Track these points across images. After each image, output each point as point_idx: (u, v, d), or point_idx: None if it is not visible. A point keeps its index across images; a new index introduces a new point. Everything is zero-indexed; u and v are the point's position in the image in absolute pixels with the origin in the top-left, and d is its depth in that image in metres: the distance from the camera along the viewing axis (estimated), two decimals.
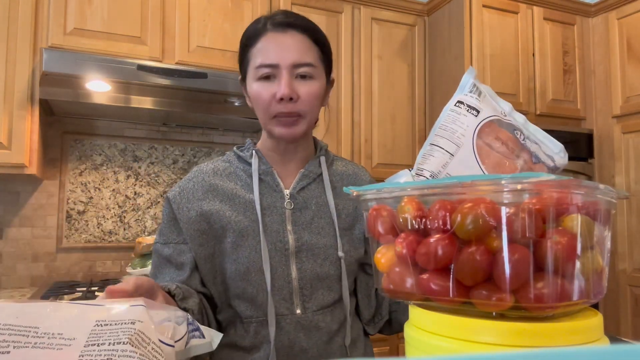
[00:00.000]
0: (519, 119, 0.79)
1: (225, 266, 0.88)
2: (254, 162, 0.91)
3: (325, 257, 0.88)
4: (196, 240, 0.88)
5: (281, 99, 0.84)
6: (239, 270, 0.86)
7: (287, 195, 0.90)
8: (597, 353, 0.19)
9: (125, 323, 0.48)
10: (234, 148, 0.97)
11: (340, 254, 0.88)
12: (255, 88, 0.86)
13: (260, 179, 0.91)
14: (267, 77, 0.85)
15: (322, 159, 0.95)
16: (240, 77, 0.95)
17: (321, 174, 0.94)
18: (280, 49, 0.86)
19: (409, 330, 0.48)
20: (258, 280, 0.85)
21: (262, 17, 0.92)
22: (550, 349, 0.19)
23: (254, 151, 0.93)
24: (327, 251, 0.89)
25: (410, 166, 0.90)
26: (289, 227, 0.88)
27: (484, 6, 2.39)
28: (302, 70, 0.86)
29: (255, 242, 0.86)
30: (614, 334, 2.46)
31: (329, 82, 0.95)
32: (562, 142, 0.79)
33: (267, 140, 0.94)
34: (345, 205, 0.93)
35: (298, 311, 0.86)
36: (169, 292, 0.77)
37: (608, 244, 0.46)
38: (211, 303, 0.91)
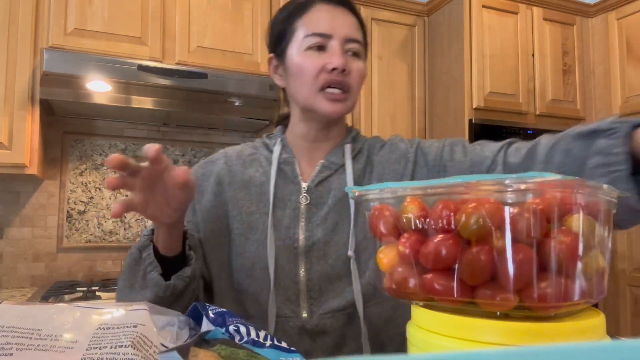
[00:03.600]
0: None
1: (232, 258, 0.84)
2: (276, 149, 0.87)
3: (336, 257, 0.81)
4: (209, 225, 0.85)
5: (333, 70, 0.80)
6: (244, 265, 0.83)
7: (304, 188, 0.84)
8: (598, 350, 0.19)
9: (127, 326, 0.49)
10: (264, 135, 0.93)
11: (350, 253, 0.80)
12: (302, 59, 0.82)
13: (279, 168, 0.86)
14: (319, 48, 0.81)
15: (348, 147, 0.87)
16: (272, 54, 0.89)
17: (343, 165, 0.86)
18: (335, 20, 0.82)
19: (412, 330, 0.48)
20: (262, 277, 0.81)
21: None
22: (549, 346, 0.19)
23: (279, 139, 0.89)
24: (339, 250, 0.81)
25: None
26: (302, 224, 0.82)
27: (483, 6, 2.40)
28: (352, 46, 0.83)
29: (263, 237, 0.82)
30: (613, 334, 2.47)
31: None
32: None
33: (298, 125, 0.89)
34: None
35: (304, 315, 0.80)
36: (184, 233, 0.75)
37: (609, 244, 0.46)
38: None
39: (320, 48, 0.81)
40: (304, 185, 0.85)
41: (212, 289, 0.88)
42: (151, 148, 0.60)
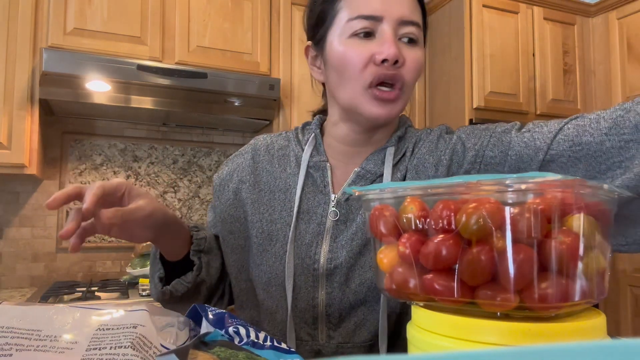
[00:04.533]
0: None
1: (250, 265, 0.77)
2: (307, 149, 0.75)
3: (361, 282, 0.69)
4: (227, 225, 0.78)
5: (383, 62, 0.65)
6: (260, 278, 0.74)
7: (333, 201, 0.72)
8: (598, 349, 0.19)
9: (127, 327, 0.49)
10: (300, 125, 0.81)
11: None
12: (346, 48, 0.67)
13: (308, 173, 0.74)
14: (367, 35, 0.67)
15: (389, 152, 0.73)
16: (311, 42, 0.75)
17: (382, 175, 0.72)
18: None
19: (412, 331, 0.48)
20: (278, 296, 0.72)
21: None
22: (549, 345, 0.19)
23: (313, 135, 0.76)
24: (364, 275, 0.69)
25: None
26: (326, 243, 0.71)
27: (484, 6, 2.39)
28: (408, 30, 0.67)
29: (282, 252, 0.72)
30: (614, 334, 2.46)
31: None
32: None
33: (337, 125, 0.75)
34: None
35: (322, 340, 0.71)
36: (191, 237, 0.72)
37: (609, 244, 0.46)
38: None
39: (368, 34, 0.67)
40: (334, 197, 0.72)
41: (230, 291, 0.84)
42: (83, 205, 0.54)
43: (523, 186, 0.40)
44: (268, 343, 0.51)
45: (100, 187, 0.56)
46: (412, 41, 0.68)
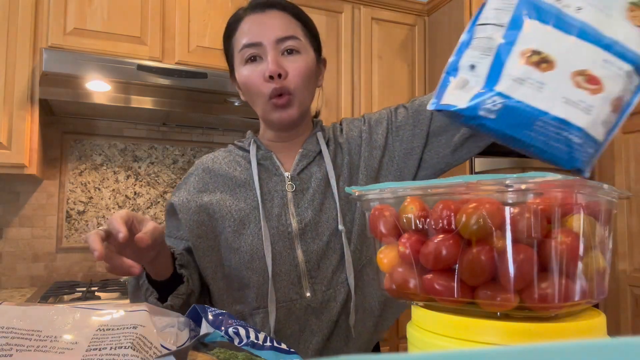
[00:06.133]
0: None
1: (228, 257, 0.86)
2: (252, 148, 0.90)
3: (329, 233, 0.85)
4: (195, 231, 0.87)
5: (270, 77, 0.82)
6: (242, 259, 0.84)
7: (287, 177, 0.88)
8: (598, 348, 0.19)
9: (127, 327, 0.49)
10: (234, 141, 0.97)
11: (341, 227, 0.85)
12: (244, 73, 0.85)
13: (259, 164, 0.89)
14: (253, 59, 0.84)
15: (319, 134, 0.92)
16: (231, 76, 0.94)
17: (320, 152, 0.90)
18: (262, 27, 0.84)
19: (411, 331, 0.48)
20: (262, 266, 0.83)
21: (240, 8, 0.92)
22: (549, 344, 0.19)
23: (252, 139, 0.92)
24: (330, 226, 0.86)
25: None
26: (292, 210, 0.86)
27: None
28: (287, 44, 0.84)
29: (257, 229, 0.84)
30: (614, 334, 2.47)
31: (320, 62, 0.93)
32: None
33: (265, 131, 0.93)
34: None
35: (308, 294, 0.84)
36: (172, 254, 0.80)
37: (609, 244, 0.46)
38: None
39: (256, 58, 0.84)
40: (287, 174, 0.88)
41: (209, 294, 0.92)
42: (119, 234, 0.63)
43: (523, 186, 0.40)
44: (268, 344, 0.51)
45: (122, 216, 0.65)
46: (292, 52, 0.84)
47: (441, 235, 0.43)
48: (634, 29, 0.63)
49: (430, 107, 0.64)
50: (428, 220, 0.44)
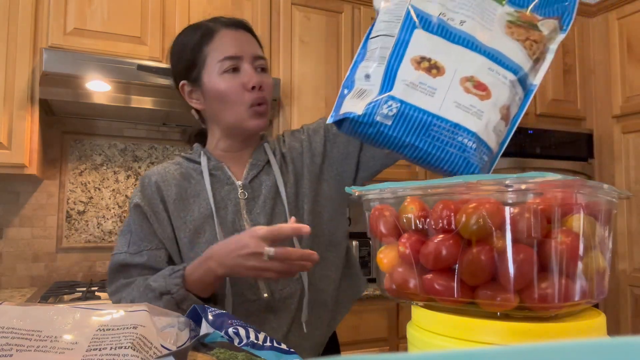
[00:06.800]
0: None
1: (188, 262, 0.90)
2: (203, 160, 0.94)
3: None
4: (173, 236, 0.90)
5: (253, 88, 0.88)
6: None
7: (239, 186, 0.93)
8: (598, 347, 0.19)
9: (127, 328, 0.48)
10: (181, 154, 0.99)
11: None
12: (223, 82, 0.89)
13: (211, 174, 0.93)
14: (232, 70, 0.89)
15: (266, 145, 0.98)
16: (185, 81, 0.94)
17: (268, 161, 0.96)
18: (240, 42, 0.91)
19: (412, 331, 0.48)
20: None
21: (203, 21, 0.97)
22: (549, 344, 0.19)
23: (201, 151, 0.95)
24: None
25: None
26: (245, 217, 0.90)
27: None
28: (260, 62, 0.92)
29: (212, 237, 0.88)
30: (614, 334, 2.46)
31: None
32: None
33: (221, 140, 0.95)
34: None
35: (265, 295, 0.88)
36: None
37: (609, 244, 0.46)
38: None
39: (235, 70, 0.90)
40: (239, 183, 0.93)
41: None
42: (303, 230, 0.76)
43: (523, 186, 0.40)
44: (268, 344, 0.51)
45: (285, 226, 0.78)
46: (264, 70, 0.93)
47: (441, 235, 0.43)
48: (514, 42, 0.68)
49: (328, 120, 0.66)
50: (428, 220, 0.45)
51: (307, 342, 0.93)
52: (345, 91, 0.67)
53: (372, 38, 0.69)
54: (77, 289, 1.80)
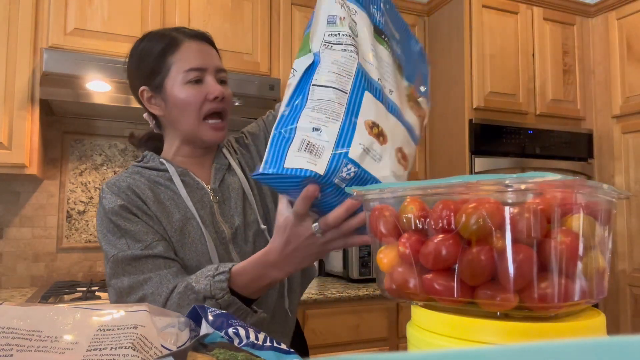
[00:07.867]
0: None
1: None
2: (170, 167, 0.94)
3: (253, 233, 0.96)
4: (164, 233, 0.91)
5: (215, 98, 0.92)
6: (190, 267, 0.88)
7: (210, 191, 0.96)
8: (598, 346, 0.19)
9: (127, 328, 0.49)
10: (134, 163, 0.98)
11: (263, 226, 0.96)
12: (184, 92, 0.91)
13: (181, 180, 0.94)
14: (196, 81, 0.92)
15: (224, 150, 1.03)
16: (146, 87, 0.95)
17: (229, 164, 1.01)
18: (205, 55, 0.94)
19: (411, 330, 0.48)
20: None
21: (165, 30, 0.97)
22: (549, 343, 0.19)
23: (160, 159, 0.96)
24: (254, 227, 0.96)
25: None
26: (220, 219, 0.94)
27: (483, 6, 2.39)
28: (222, 75, 0.96)
29: (198, 235, 0.90)
30: (614, 334, 2.46)
31: None
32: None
33: (180, 147, 0.97)
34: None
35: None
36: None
37: (609, 244, 0.46)
38: None
39: (198, 81, 0.92)
40: (208, 187, 0.96)
41: None
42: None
43: (523, 186, 0.40)
44: (267, 344, 0.51)
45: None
46: (224, 82, 0.97)
47: (441, 235, 0.43)
48: (414, 117, 0.75)
49: (269, 169, 0.64)
50: (428, 220, 0.45)
51: (286, 328, 1.00)
52: (283, 137, 0.65)
53: (318, 86, 0.68)
54: (78, 289, 1.80)
